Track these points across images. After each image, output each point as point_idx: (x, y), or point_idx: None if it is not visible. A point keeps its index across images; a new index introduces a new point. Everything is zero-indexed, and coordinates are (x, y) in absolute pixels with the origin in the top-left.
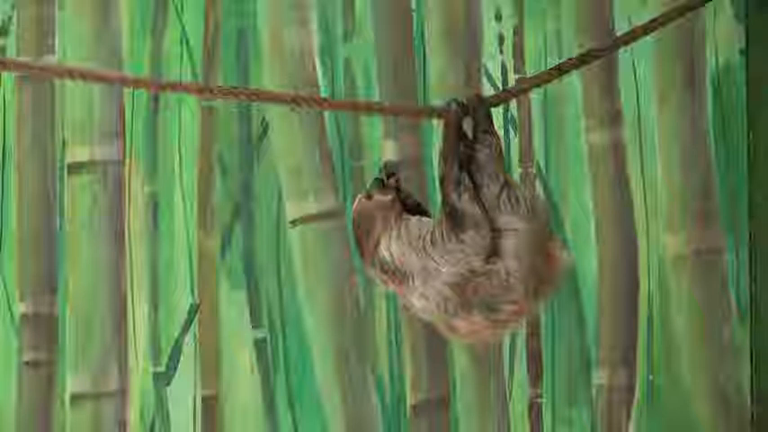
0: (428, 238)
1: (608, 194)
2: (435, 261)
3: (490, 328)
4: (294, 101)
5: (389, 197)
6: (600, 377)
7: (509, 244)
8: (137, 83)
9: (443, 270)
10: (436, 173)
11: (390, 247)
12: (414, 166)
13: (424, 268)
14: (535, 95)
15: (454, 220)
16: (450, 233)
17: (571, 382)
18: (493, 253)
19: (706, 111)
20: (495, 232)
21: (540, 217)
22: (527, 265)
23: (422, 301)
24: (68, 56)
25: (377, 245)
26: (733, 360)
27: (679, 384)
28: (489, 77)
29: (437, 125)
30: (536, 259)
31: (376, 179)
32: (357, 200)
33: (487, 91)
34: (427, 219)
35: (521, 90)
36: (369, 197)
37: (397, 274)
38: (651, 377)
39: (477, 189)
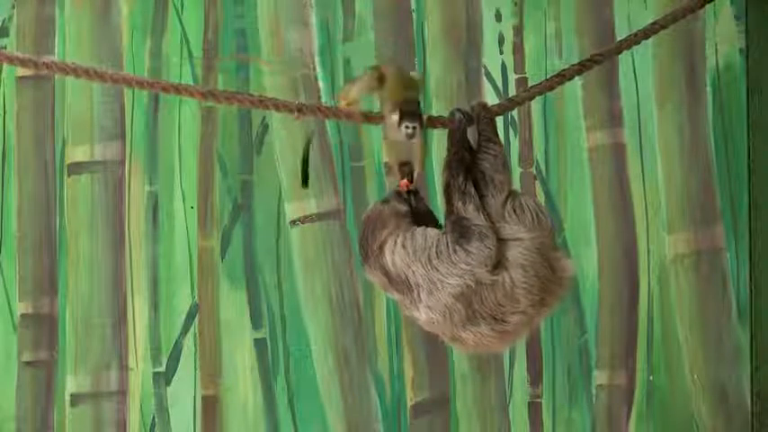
0: (434, 249)
1: (608, 194)
2: (441, 272)
3: (497, 339)
4: (299, 109)
5: (405, 207)
6: (600, 377)
7: (515, 254)
8: (141, 84)
9: (449, 281)
10: (440, 181)
11: (394, 253)
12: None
13: (429, 280)
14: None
15: (460, 230)
16: (456, 244)
17: (571, 382)
18: (498, 263)
19: (706, 111)
20: (501, 242)
21: (545, 226)
22: (532, 274)
23: (427, 312)
24: (68, 56)
25: (382, 246)
26: (733, 360)
27: (679, 384)
28: (489, 77)
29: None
30: (541, 269)
31: (395, 191)
32: (372, 205)
33: (487, 91)
34: (433, 230)
35: (525, 98)
36: (385, 202)
37: (399, 283)
38: (651, 377)
39: (482, 199)
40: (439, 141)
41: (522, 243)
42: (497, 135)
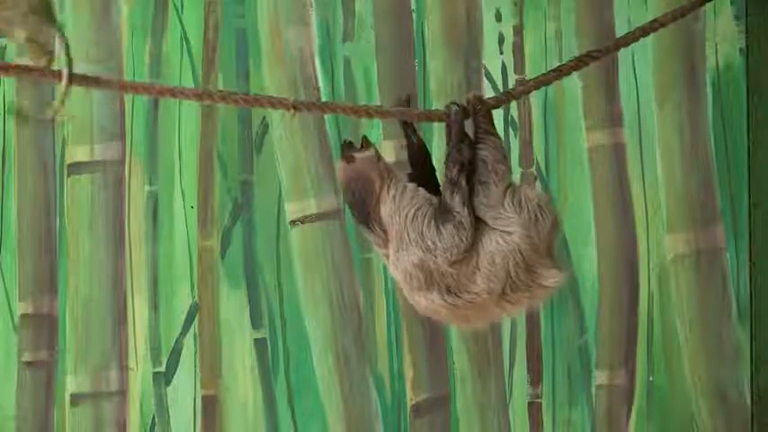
0: (412, 212)
1: (608, 194)
2: (409, 237)
3: (447, 310)
4: (295, 106)
5: (372, 152)
6: (600, 377)
7: (491, 242)
8: (136, 89)
9: (412, 249)
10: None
11: (386, 204)
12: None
13: (400, 238)
14: (535, 96)
15: (442, 211)
16: (433, 218)
17: (571, 382)
18: (471, 247)
19: (706, 111)
20: (490, 230)
21: (541, 230)
22: (500, 267)
23: (393, 269)
24: None
25: (378, 200)
26: (733, 360)
27: (679, 384)
28: (489, 77)
29: (438, 126)
30: (514, 267)
31: (345, 142)
32: (340, 168)
33: (487, 91)
34: (424, 192)
35: (521, 92)
36: (350, 159)
37: (387, 235)
38: (651, 377)
39: (484, 185)
40: (437, 134)
41: (509, 236)
42: (494, 127)
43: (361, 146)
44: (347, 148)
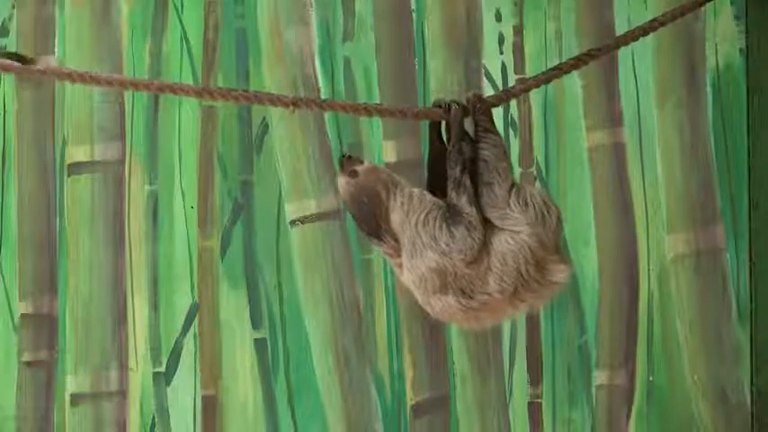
0: (422, 216)
1: (608, 194)
2: (422, 241)
3: (462, 312)
4: (294, 103)
5: (368, 164)
6: (600, 377)
7: (501, 241)
8: (137, 85)
9: (427, 253)
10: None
11: (394, 214)
12: (414, 168)
13: (413, 244)
14: (535, 96)
15: (452, 213)
16: (444, 222)
17: (571, 382)
18: (482, 248)
19: (706, 111)
20: (498, 230)
21: (548, 225)
22: (511, 266)
23: (408, 274)
24: (68, 56)
25: (387, 212)
26: (733, 360)
27: (679, 384)
28: (489, 77)
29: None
30: (524, 264)
31: (343, 156)
32: (343, 183)
33: (487, 91)
34: (431, 197)
35: (521, 90)
36: (353, 174)
37: (396, 244)
38: (651, 377)
39: (488, 186)
40: None
41: (517, 235)
42: (494, 125)
43: (351, 160)
44: (347, 163)
